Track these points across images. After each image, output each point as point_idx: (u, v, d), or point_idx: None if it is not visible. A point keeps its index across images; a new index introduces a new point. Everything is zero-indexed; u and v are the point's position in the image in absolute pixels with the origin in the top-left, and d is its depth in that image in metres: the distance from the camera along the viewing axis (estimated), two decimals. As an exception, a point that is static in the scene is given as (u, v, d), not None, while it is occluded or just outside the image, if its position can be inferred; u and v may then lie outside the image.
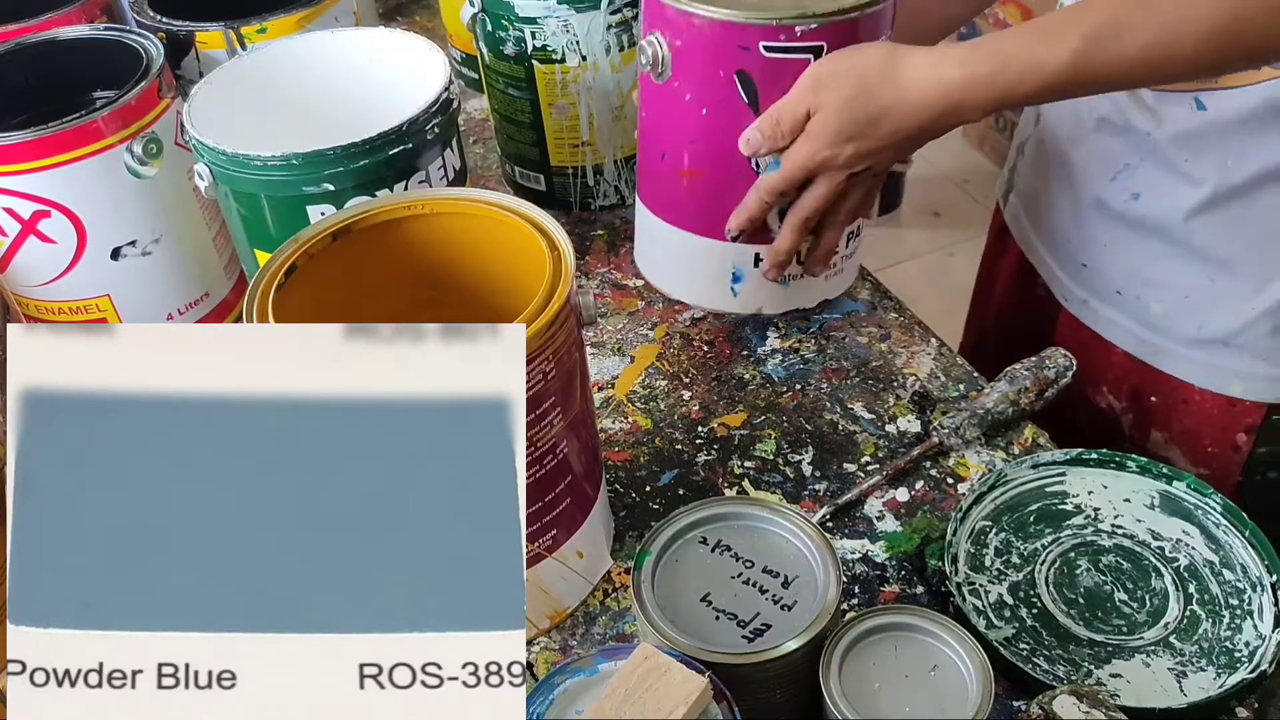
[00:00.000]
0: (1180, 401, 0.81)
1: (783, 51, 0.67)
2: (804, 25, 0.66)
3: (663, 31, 0.69)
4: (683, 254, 0.77)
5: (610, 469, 0.73)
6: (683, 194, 0.75)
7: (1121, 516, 0.66)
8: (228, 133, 0.68)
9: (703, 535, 0.57)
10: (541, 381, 0.54)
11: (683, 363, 0.81)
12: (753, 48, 0.67)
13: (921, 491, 0.70)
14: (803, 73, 0.67)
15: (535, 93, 0.88)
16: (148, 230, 0.78)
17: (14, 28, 0.87)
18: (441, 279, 0.63)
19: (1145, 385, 0.83)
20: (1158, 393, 0.83)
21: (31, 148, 0.72)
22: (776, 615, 0.54)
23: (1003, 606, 0.62)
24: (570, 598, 0.64)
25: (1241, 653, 0.59)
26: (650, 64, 0.70)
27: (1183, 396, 0.81)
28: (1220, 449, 0.81)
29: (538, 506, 0.58)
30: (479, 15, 0.87)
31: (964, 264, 2.30)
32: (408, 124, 0.68)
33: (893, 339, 0.81)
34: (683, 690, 0.46)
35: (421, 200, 0.61)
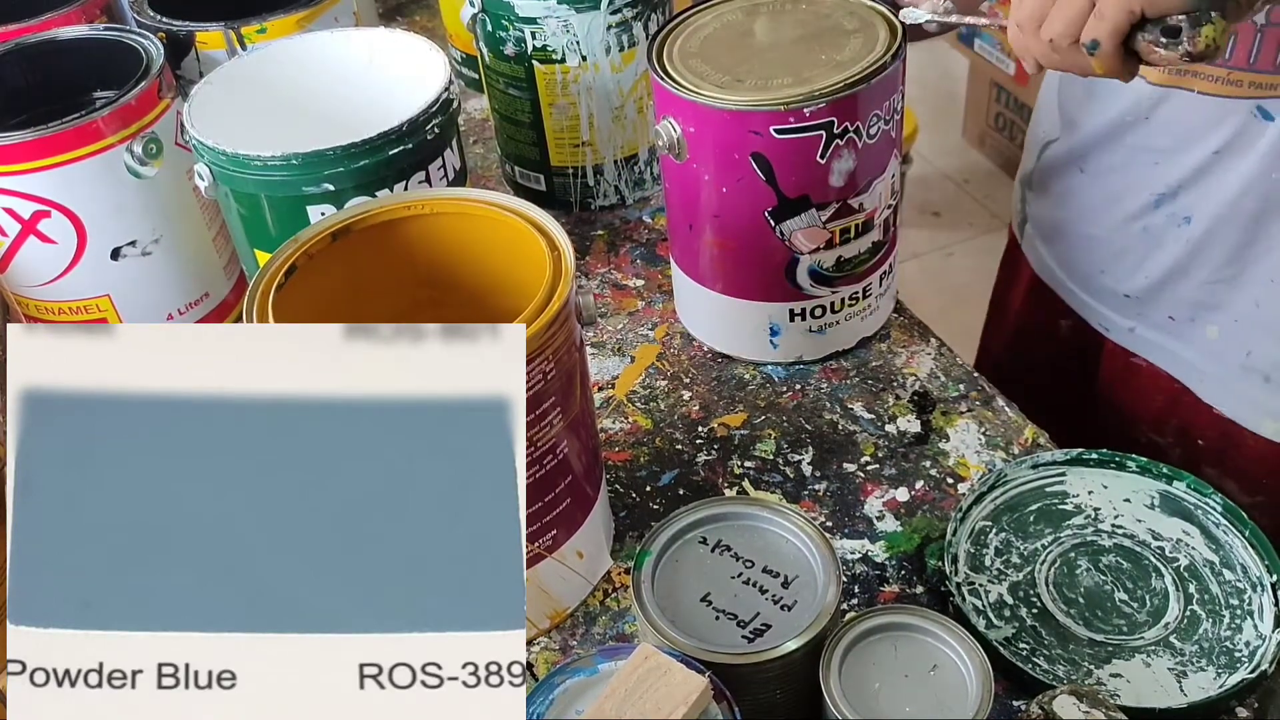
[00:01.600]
0: (1232, 446, 0.82)
1: (794, 132, 0.67)
2: (812, 106, 0.66)
3: (675, 117, 0.70)
4: (720, 313, 0.78)
5: (610, 469, 0.73)
6: (714, 261, 0.76)
7: (1122, 516, 0.66)
8: (228, 133, 0.68)
9: (703, 535, 0.57)
10: (541, 381, 0.54)
11: (683, 363, 0.81)
12: (764, 132, 0.67)
13: (921, 491, 0.70)
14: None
15: (535, 93, 0.88)
16: (148, 230, 0.78)
17: (14, 28, 0.87)
18: (441, 279, 0.63)
19: (1190, 427, 0.83)
20: (1205, 436, 0.83)
21: (31, 148, 0.72)
22: (776, 615, 0.54)
23: (1003, 606, 0.62)
24: (570, 598, 0.64)
25: (1241, 653, 0.59)
26: (667, 147, 0.71)
27: (1234, 441, 0.81)
28: (1275, 480, 0.81)
29: (538, 506, 0.58)
30: (479, 15, 0.87)
31: (963, 264, 2.30)
32: (408, 124, 0.68)
33: (893, 339, 0.81)
34: (683, 690, 0.46)
35: (421, 200, 0.61)
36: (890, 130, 0.71)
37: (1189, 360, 0.83)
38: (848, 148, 0.69)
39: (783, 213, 0.71)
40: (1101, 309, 0.88)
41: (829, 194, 0.71)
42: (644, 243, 0.92)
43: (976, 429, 0.73)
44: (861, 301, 0.77)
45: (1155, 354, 0.85)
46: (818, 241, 0.72)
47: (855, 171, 0.70)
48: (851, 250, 0.74)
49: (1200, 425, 0.84)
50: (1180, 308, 0.82)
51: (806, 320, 0.76)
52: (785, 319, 0.76)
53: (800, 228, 0.71)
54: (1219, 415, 0.83)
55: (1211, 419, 0.83)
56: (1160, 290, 0.83)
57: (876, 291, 0.78)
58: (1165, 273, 0.81)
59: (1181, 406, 0.85)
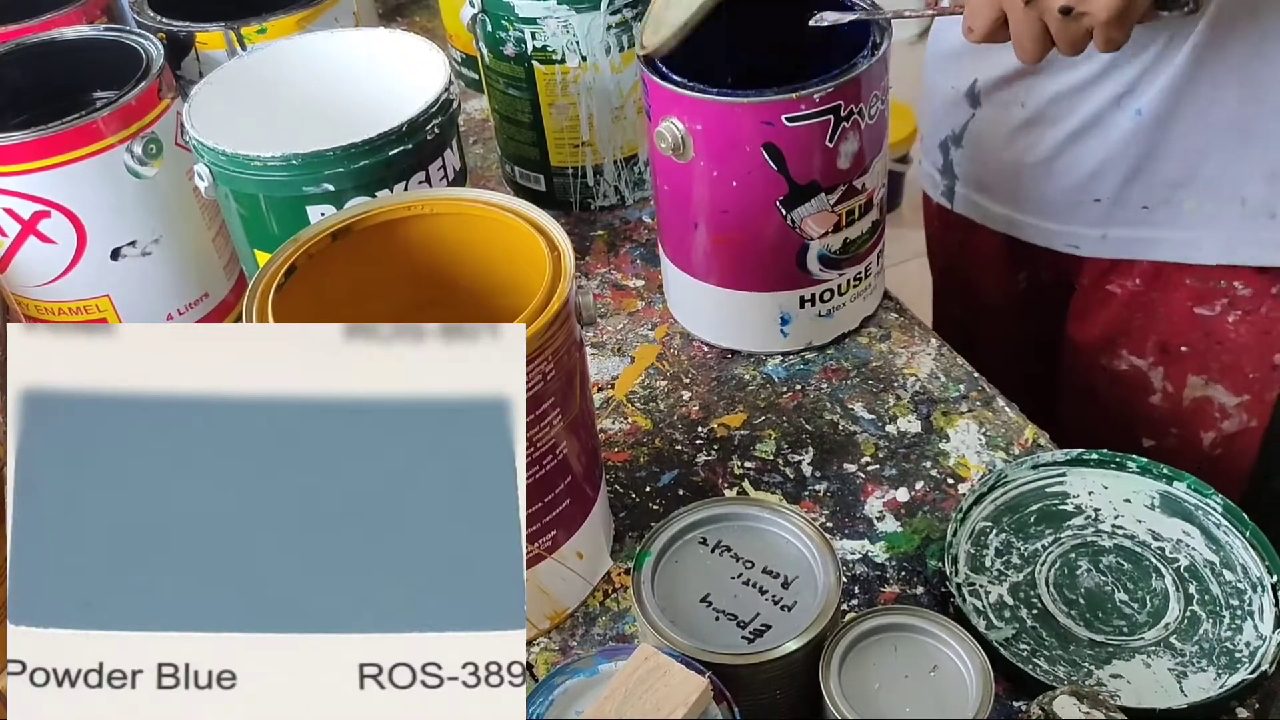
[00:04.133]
0: (1215, 343, 0.84)
1: (805, 119, 0.68)
2: (822, 90, 0.68)
3: (678, 116, 0.70)
4: (730, 308, 0.79)
5: (610, 469, 0.73)
6: (724, 258, 0.76)
7: (1122, 517, 0.66)
8: (228, 133, 0.68)
9: (703, 536, 0.57)
10: (541, 382, 0.54)
11: (682, 363, 0.81)
12: (776, 121, 0.68)
13: (921, 492, 0.70)
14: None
15: (535, 93, 0.88)
16: (148, 230, 0.78)
17: (14, 28, 0.87)
18: (441, 279, 0.63)
19: (1172, 336, 0.85)
20: (1189, 340, 0.85)
21: (31, 148, 0.72)
22: (776, 616, 0.54)
23: (1003, 607, 0.62)
24: (570, 598, 0.64)
25: (1242, 653, 0.59)
26: (671, 148, 0.71)
27: (1216, 339, 0.83)
28: (1260, 371, 0.84)
29: (537, 507, 0.58)
30: (479, 15, 0.87)
31: (964, 264, 2.30)
32: (408, 124, 0.68)
33: (893, 339, 0.81)
34: (683, 691, 0.46)
35: (421, 200, 0.61)
36: (884, 109, 0.74)
37: (1177, 240, 0.85)
38: (853, 130, 0.71)
39: (794, 200, 0.72)
40: (1067, 228, 0.89)
41: (836, 177, 0.72)
42: (644, 243, 0.92)
43: (977, 429, 0.73)
44: (864, 281, 0.79)
45: (1136, 248, 0.87)
46: (827, 225, 0.74)
47: (859, 152, 0.72)
48: (855, 231, 0.76)
49: (1182, 330, 0.86)
50: (1154, 192, 0.84)
51: (816, 305, 0.78)
52: (796, 307, 0.77)
53: (811, 213, 0.73)
54: (1198, 315, 0.85)
55: (1191, 321, 0.85)
56: (1130, 183, 0.84)
57: (875, 270, 0.81)
58: (1131, 167, 0.83)
59: (1158, 319, 0.87)
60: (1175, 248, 0.84)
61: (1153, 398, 0.89)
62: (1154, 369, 0.87)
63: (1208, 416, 0.88)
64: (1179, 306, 0.86)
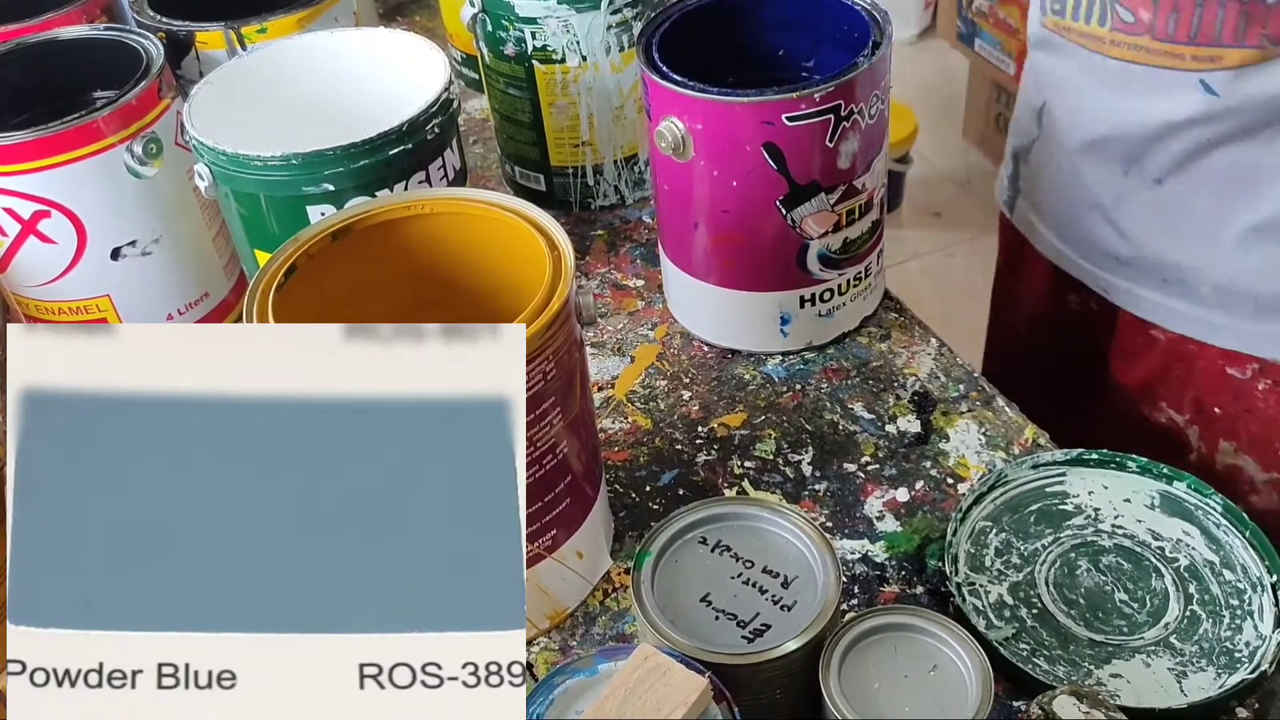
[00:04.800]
0: (1244, 410, 0.83)
1: (805, 118, 0.69)
2: (822, 90, 0.68)
3: (678, 116, 0.71)
4: (730, 308, 0.79)
5: (610, 469, 0.73)
6: (725, 257, 0.76)
7: (1122, 517, 0.66)
8: (228, 133, 0.68)
9: (703, 535, 0.57)
10: (541, 381, 0.54)
11: (682, 363, 0.81)
12: (776, 121, 0.68)
13: (921, 491, 0.70)
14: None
15: (535, 93, 0.88)
16: (148, 230, 0.78)
17: (14, 28, 0.87)
18: (441, 279, 0.63)
19: (1206, 394, 0.84)
20: (1220, 401, 0.84)
21: (31, 148, 0.72)
22: (776, 615, 0.54)
23: (1003, 607, 0.62)
24: (570, 598, 0.64)
25: (1242, 653, 0.59)
26: (671, 148, 0.71)
27: (1246, 405, 0.82)
28: None
29: (537, 506, 0.58)
30: (479, 15, 0.87)
31: (964, 264, 2.30)
32: (408, 124, 0.68)
33: (893, 339, 0.81)
34: (683, 690, 0.46)
35: (421, 200, 0.61)
36: (884, 109, 0.74)
37: (1194, 316, 0.84)
38: (853, 129, 0.71)
39: (794, 200, 0.72)
40: (1099, 272, 0.89)
41: (836, 177, 0.72)
42: (644, 243, 0.92)
43: (977, 429, 0.73)
44: (864, 281, 0.79)
45: (1158, 314, 0.87)
46: (827, 225, 0.74)
47: (859, 152, 0.72)
48: (855, 231, 0.76)
49: (1215, 389, 0.85)
50: (1168, 271, 0.84)
51: (816, 305, 0.78)
52: (796, 306, 0.78)
53: (811, 213, 0.73)
54: (1229, 376, 0.84)
55: (1223, 381, 0.84)
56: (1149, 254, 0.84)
57: (875, 269, 0.81)
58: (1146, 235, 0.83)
59: (1195, 373, 0.86)
60: (1192, 324, 0.84)
61: (1190, 456, 0.88)
62: (1190, 426, 0.87)
63: (1239, 486, 0.87)
64: (1212, 364, 0.85)
